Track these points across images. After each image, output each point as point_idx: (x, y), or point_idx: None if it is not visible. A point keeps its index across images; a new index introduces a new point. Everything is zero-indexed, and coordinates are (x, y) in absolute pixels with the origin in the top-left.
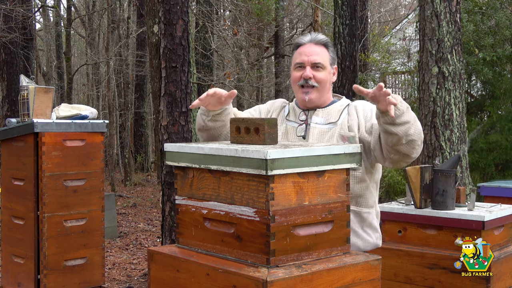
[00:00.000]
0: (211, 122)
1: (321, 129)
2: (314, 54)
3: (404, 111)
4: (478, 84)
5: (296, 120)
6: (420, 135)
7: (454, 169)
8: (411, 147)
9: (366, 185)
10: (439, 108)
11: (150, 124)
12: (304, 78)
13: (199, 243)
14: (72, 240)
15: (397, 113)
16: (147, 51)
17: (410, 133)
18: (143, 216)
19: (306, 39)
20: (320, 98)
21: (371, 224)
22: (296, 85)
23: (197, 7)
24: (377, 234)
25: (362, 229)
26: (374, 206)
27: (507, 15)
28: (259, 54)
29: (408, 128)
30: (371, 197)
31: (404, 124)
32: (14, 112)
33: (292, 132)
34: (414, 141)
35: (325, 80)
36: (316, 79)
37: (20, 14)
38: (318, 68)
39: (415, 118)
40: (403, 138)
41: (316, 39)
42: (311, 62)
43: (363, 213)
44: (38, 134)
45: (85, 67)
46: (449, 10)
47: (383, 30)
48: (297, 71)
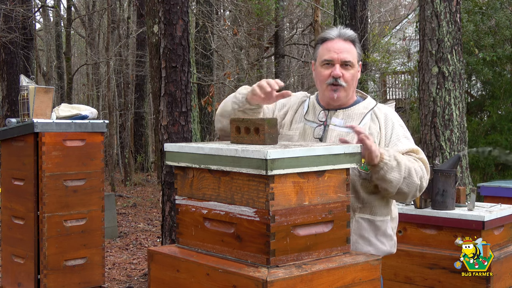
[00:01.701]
0: (241, 113)
1: (340, 132)
2: (344, 51)
3: (393, 167)
4: (478, 84)
5: (315, 120)
6: (416, 188)
7: (454, 169)
8: (402, 197)
9: (380, 194)
10: (439, 108)
11: (150, 124)
12: (334, 76)
13: (199, 243)
14: (72, 240)
15: (384, 169)
16: (147, 51)
17: (401, 187)
18: (143, 216)
19: (334, 34)
20: (346, 97)
21: (385, 232)
22: (324, 83)
23: (197, 7)
24: (391, 242)
25: (375, 238)
26: (389, 213)
27: (507, 15)
28: (259, 54)
29: (397, 184)
30: (387, 205)
31: (391, 181)
32: (14, 112)
33: (310, 133)
34: (405, 194)
35: (353, 79)
36: (345, 78)
37: (20, 14)
38: (347, 66)
39: (409, 172)
40: (393, 192)
41: (345, 34)
42: (341, 60)
43: (377, 222)
44: (38, 134)
45: (85, 67)
46: (449, 10)
47: (383, 30)
48: (325, 69)
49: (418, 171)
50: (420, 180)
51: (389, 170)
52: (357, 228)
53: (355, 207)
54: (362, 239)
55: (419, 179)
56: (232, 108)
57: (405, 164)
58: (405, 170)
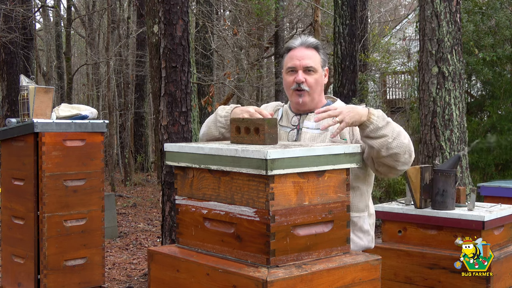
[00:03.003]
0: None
1: (312, 134)
2: (305, 58)
3: (381, 126)
4: (478, 84)
5: (288, 125)
6: (406, 148)
7: (454, 169)
8: (394, 160)
9: (356, 192)
10: (439, 108)
11: (150, 124)
12: (297, 82)
13: (199, 243)
14: (72, 240)
15: (371, 127)
16: (147, 51)
17: (391, 146)
18: (143, 216)
19: (296, 43)
20: (312, 101)
21: (361, 228)
22: (290, 89)
23: (197, 7)
24: (369, 237)
25: (353, 233)
26: (365, 209)
27: (507, 15)
28: (259, 54)
29: (386, 141)
30: (362, 201)
31: (380, 137)
32: (14, 112)
33: (284, 137)
34: (398, 154)
35: (317, 83)
36: (308, 83)
37: (20, 14)
38: (310, 72)
39: (398, 133)
40: (382, 151)
41: (306, 42)
42: (303, 66)
43: (353, 218)
44: (38, 134)
45: (85, 67)
46: (449, 10)
47: (383, 30)
48: (290, 75)
49: (406, 133)
50: (409, 141)
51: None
52: None
53: None
54: None
55: (408, 141)
56: (219, 133)
57: (394, 124)
58: (394, 129)
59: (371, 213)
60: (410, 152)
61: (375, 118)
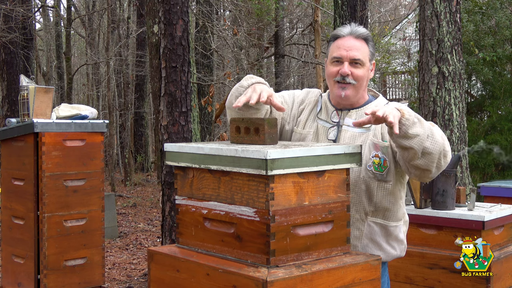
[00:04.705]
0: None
1: (353, 133)
2: (353, 49)
3: (415, 122)
4: (478, 84)
5: (328, 120)
6: (441, 148)
7: (454, 169)
8: (429, 161)
9: (395, 198)
10: (439, 108)
11: (150, 124)
12: (342, 74)
13: (199, 243)
14: (72, 240)
15: (406, 124)
16: (147, 51)
17: (426, 146)
18: (143, 216)
19: (345, 31)
20: (355, 96)
21: (397, 237)
22: (332, 80)
23: (197, 7)
24: (402, 246)
25: (387, 243)
26: (403, 217)
27: (507, 15)
28: (259, 54)
29: (422, 140)
30: (400, 210)
31: (415, 136)
32: (14, 112)
33: (323, 133)
34: (432, 155)
35: (363, 78)
36: (354, 76)
37: (20, 14)
38: (356, 65)
39: (431, 131)
40: (419, 152)
41: (356, 32)
42: (350, 57)
43: (390, 227)
44: (38, 134)
45: (85, 67)
46: (449, 10)
47: (383, 30)
48: (334, 66)
49: (440, 132)
50: (443, 140)
51: (411, 125)
52: (368, 232)
53: (368, 211)
54: (373, 243)
55: (442, 139)
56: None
57: (426, 122)
58: (427, 128)
59: (406, 220)
60: (444, 153)
61: (406, 114)
